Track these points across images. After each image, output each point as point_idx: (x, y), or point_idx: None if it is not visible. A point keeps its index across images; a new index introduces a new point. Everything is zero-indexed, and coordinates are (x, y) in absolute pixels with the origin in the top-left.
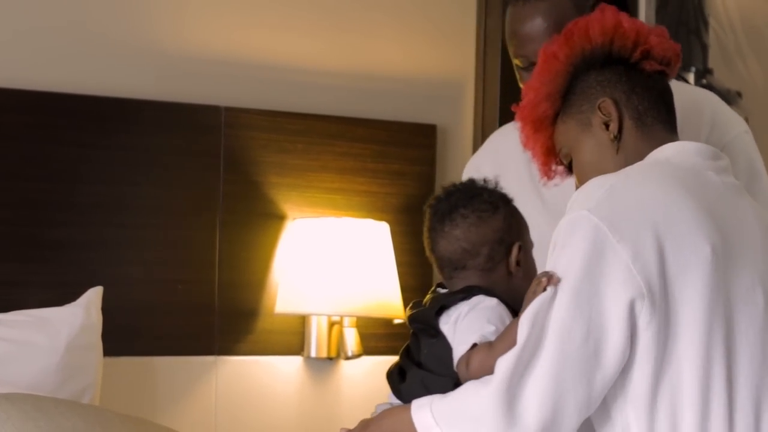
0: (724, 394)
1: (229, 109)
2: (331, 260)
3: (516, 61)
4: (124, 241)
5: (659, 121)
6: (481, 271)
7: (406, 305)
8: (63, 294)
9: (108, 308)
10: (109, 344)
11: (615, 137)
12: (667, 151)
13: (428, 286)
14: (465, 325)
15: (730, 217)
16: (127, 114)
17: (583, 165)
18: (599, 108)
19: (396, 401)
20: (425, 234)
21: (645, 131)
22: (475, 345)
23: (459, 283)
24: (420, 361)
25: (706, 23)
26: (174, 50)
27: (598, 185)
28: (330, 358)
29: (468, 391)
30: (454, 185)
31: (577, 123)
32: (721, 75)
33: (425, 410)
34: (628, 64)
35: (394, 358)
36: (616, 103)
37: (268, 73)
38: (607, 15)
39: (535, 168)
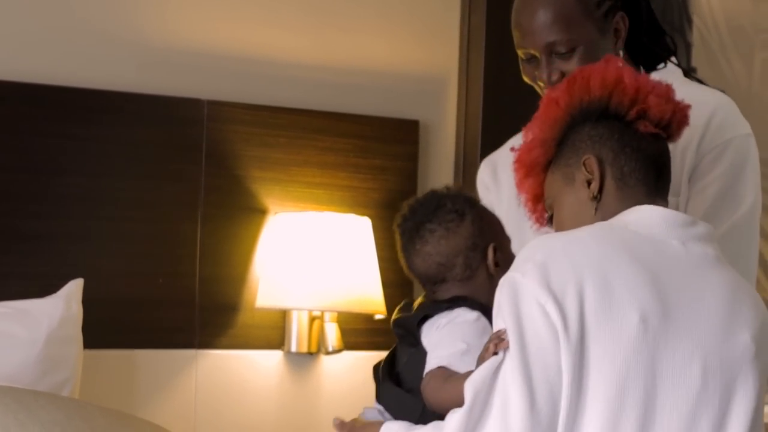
0: None
1: (212, 103)
2: (312, 255)
3: (519, 52)
4: (105, 234)
5: (643, 184)
6: (460, 281)
7: (387, 301)
8: (43, 286)
9: (88, 301)
10: (90, 337)
11: (594, 197)
12: (629, 216)
13: (409, 282)
14: (437, 339)
15: (682, 288)
16: (109, 106)
17: (561, 220)
18: (584, 164)
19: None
20: (400, 253)
21: (626, 193)
22: (440, 368)
23: (442, 296)
24: (398, 371)
25: (690, 22)
26: (157, 43)
27: (538, 247)
28: (311, 353)
29: None
30: (416, 200)
31: (563, 176)
32: (704, 73)
33: None
34: (624, 122)
35: (375, 354)
36: (600, 162)
37: (251, 67)
38: (611, 67)
39: None
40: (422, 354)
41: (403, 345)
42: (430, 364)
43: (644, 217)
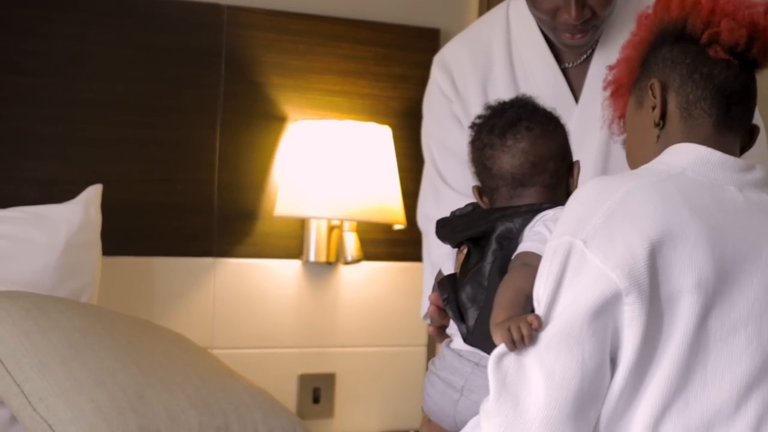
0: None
1: (231, 8)
2: (332, 163)
3: None
4: (124, 140)
5: (708, 115)
6: (545, 188)
7: (407, 211)
8: (62, 192)
9: (107, 207)
10: (108, 243)
11: (656, 123)
12: (687, 158)
13: None
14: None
15: (740, 242)
16: (128, 10)
17: (629, 145)
18: (650, 88)
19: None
20: (476, 151)
21: (690, 124)
22: (524, 253)
23: (521, 201)
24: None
25: None
26: None
27: (596, 204)
28: (329, 263)
29: None
30: (504, 101)
31: (635, 99)
32: None
33: None
34: (700, 46)
35: (393, 264)
36: (664, 88)
37: None
38: None
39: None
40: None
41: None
42: (528, 243)
43: (704, 161)
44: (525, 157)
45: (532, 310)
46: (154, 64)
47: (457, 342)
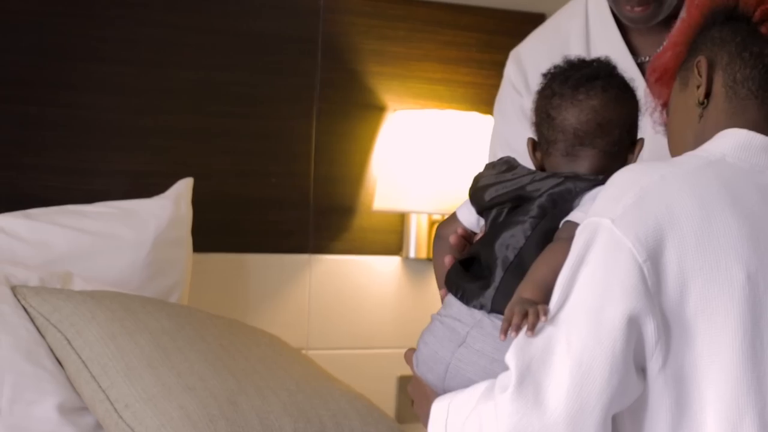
0: None
1: None
2: (433, 155)
3: None
4: (215, 130)
5: (755, 97)
6: (603, 153)
7: None
8: (150, 185)
9: (198, 201)
10: (199, 240)
11: (700, 102)
12: (727, 143)
13: None
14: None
15: None
16: None
17: (670, 127)
18: (696, 66)
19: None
20: (537, 103)
21: (735, 104)
22: (573, 224)
23: (576, 163)
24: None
25: None
26: None
27: (628, 185)
28: (430, 259)
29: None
30: (583, 59)
31: (680, 79)
32: None
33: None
34: (751, 25)
35: None
36: (711, 65)
37: None
38: None
39: None
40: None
41: (510, 222)
42: (577, 214)
43: (745, 146)
44: (593, 115)
45: None
46: (248, 52)
47: None
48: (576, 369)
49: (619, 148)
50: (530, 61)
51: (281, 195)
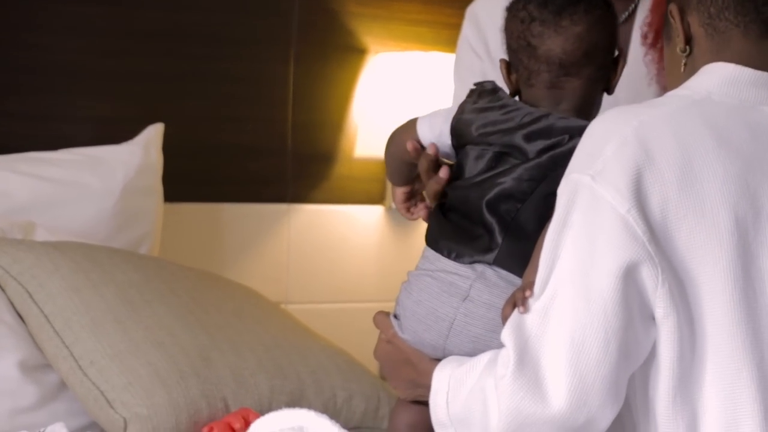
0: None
1: None
2: (417, 99)
3: None
4: (187, 74)
5: (735, 25)
6: (589, 81)
7: None
8: (119, 131)
9: (169, 148)
10: (170, 188)
11: (682, 50)
12: (713, 79)
13: None
14: None
15: None
16: None
17: (669, 84)
18: (670, 16)
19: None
20: (512, 27)
21: (717, 41)
22: None
23: (561, 94)
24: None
25: None
26: None
27: (606, 136)
28: None
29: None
30: None
31: (665, 36)
32: None
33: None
34: None
35: None
36: (682, 10)
37: None
38: None
39: None
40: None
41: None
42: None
43: (728, 79)
44: (579, 43)
45: None
46: None
47: None
48: (570, 343)
49: (603, 72)
50: (489, 21)
51: (257, 142)
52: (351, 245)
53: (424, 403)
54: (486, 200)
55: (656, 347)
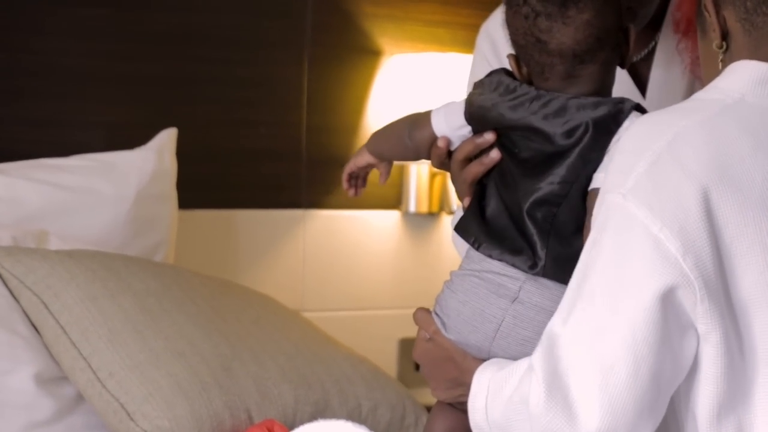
0: None
1: None
2: (434, 101)
3: None
4: (200, 78)
5: None
6: (604, 65)
7: None
8: (131, 137)
9: (182, 154)
10: (185, 195)
11: (719, 46)
12: (744, 79)
13: None
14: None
15: None
16: None
17: (705, 78)
18: (704, 8)
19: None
20: (516, 24)
21: (755, 36)
22: (593, 192)
23: (578, 82)
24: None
25: None
26: None
27: (639, 150)
28: (431, 214)
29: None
30: None
31: (699, 28)
32: None
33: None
34: None
35: None
36: (717, 3)
37: None
38: None
39: None
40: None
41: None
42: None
43: (762, 78)
44: (590, 30)
45: None
46: None
47: None
48: (599, 369)
49: (616, 51)
50: (504, 40)
51: (271, 146)
52: (367, 251)
53: (463, 411)
54: (526, 210)
55: (699, 361)
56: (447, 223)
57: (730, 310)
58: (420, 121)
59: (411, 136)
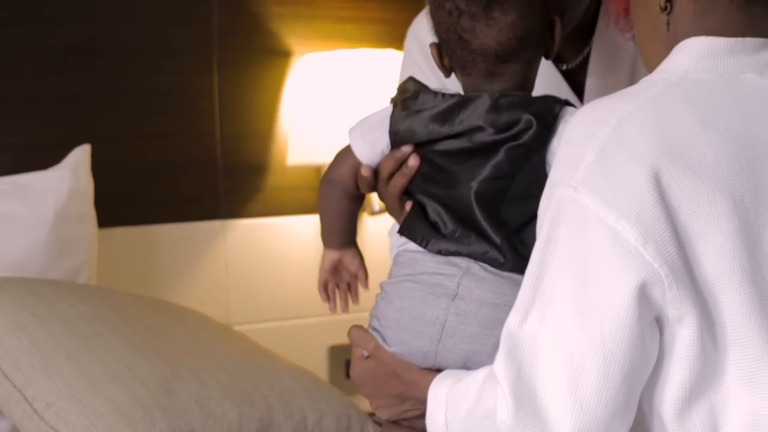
0: None
1: None
2: (348, 100)
3: None
4: (108, 91)
5: None
6: (528, 62)
7: None
8: (44, 156)
9: (97, 170)
10: (102, 213)
11: (663, 8)
12: (686, 56)
13: None
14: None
15: None
16: None
17: (639, 41)
18: None
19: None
20: (440, 18)
21: (701, 2)
22: None
23: (500, 79)
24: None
25: None
26: None
27: (585, 140)
28: None
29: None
30: None
31: None
32: None
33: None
34: None
35: None
36: None
37: None
38: None
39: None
40: (541, 164)
41: (504, 156)
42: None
43: (703, 53)
44: (514, 32)
45: None
46: (135, 1)
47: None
48: (567, 370)
49: (540, 48)
50: (427, 36)
51: (186, 157)
52: (290, 258)
53: (410, 428)
54: (474, 197)
55: (668, 349)
56: (368, 224)
57: (698, 292)
58: (338, 159)
59: (336, 179)
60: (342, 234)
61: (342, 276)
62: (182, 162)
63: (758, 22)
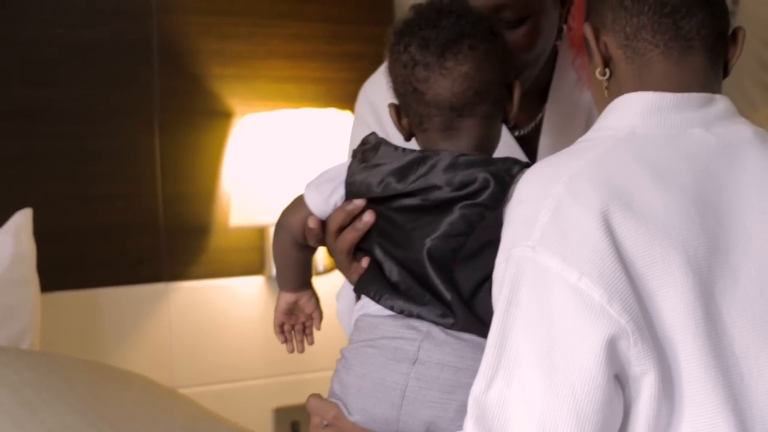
0: None
1: None
2: (289, 160)
3: None
4: (49, 153)
5: (655, 45)
6: (485, 118)
7: None
8: None
9: (38, 234)
10: (44, 277)
11: (602, 74)
12: (633, 112)
13: None
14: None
15: (724, 188)
16: (42, 2)
17: (594, 99)
18: (585, 36)
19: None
20: (396, 70)
21: (638, 63)
22: None
23: (457, 136)
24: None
25: None
26: None
27: (538, 199)
28: None
29: None
30: (437, 5)
31: (588, 54)
32: None
33: None
34: None
35: None
36: (597, 30)
37: None
38: None
39: None
40: (497, 224)
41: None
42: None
43: (650, 108)
44: (468, 83)
45: None
46: (75, 63)
47: (376, 308)
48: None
49: (499, 105)
50: (383, 103)
51: (128, 220)
52: (234, 320)
53: None
54: (426, 256)
55: (631, 405)
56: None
57: (658, 348)
58: (294, 207)
59: (287, 227)
60: (295, 279)
61: (298, 317)
62: (124, 224)
63: (700, 73)
